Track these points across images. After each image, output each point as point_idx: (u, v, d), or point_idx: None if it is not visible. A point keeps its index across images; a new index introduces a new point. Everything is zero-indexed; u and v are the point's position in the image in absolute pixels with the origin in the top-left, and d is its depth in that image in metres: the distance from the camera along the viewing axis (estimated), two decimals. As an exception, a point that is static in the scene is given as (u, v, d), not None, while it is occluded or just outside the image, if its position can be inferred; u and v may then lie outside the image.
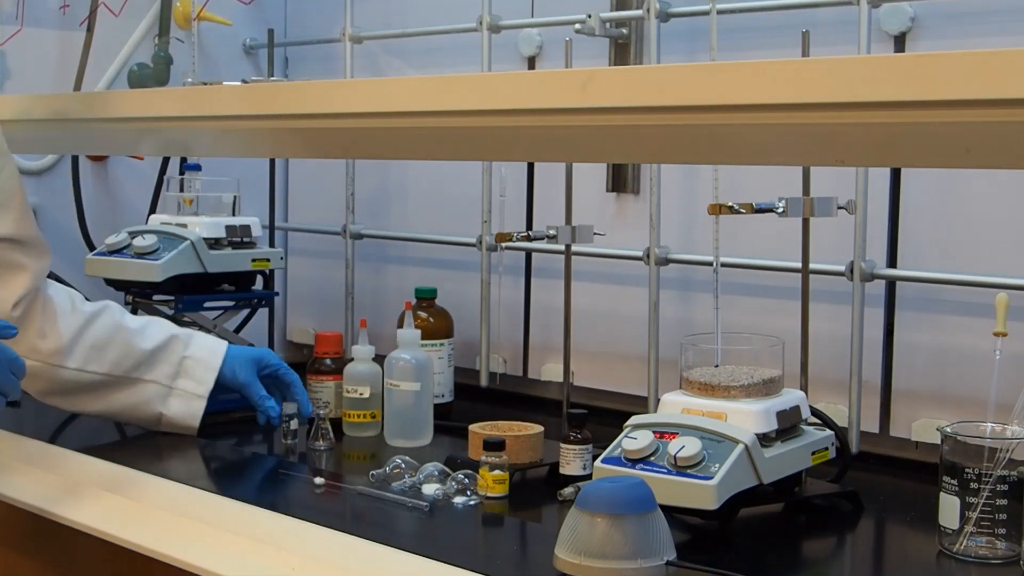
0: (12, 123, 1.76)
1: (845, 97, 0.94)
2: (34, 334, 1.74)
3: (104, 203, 2.43)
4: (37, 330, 1.74)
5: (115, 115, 1.69)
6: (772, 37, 1.87)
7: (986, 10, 1.68)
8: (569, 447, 1.65)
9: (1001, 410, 1.41)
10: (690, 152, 1.42)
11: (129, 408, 1.82)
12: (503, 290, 2.22)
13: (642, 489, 1.24)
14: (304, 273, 2.62)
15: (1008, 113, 0.87)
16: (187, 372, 1.82)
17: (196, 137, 1.80)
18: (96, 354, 1.78)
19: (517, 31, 2.18)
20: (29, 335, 1.73)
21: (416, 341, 1.93)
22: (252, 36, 2.61)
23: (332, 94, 1.41)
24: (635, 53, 2.03)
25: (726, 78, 1.02)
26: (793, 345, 1.64)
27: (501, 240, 1.86)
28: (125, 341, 1.80)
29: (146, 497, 1.58)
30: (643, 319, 1.97)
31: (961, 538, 1.36)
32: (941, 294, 1.74)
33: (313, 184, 2.62)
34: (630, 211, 2.06)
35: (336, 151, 2.03)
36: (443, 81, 1.31)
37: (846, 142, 1.07)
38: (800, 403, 1.53)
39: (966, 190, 1.71)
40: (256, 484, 1.77)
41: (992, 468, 1.34)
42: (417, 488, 1.58)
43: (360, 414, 1.95)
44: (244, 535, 1.43)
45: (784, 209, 1.65)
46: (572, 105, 1.12)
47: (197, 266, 2.08)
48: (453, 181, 2.31)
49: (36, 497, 1.63)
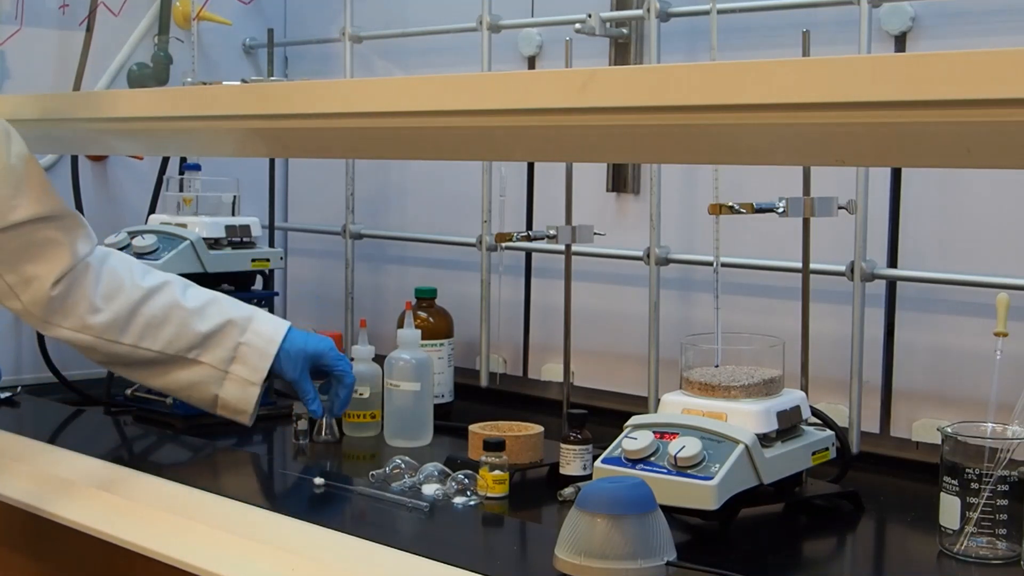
0: (11, 123, 1.76)
1: (845, 97, 0.94)
2: (85, 309, 1.70)
3: (104, 203, 2.43)
4: (89, 305, 1.70)
5: (114, 115, 1.68)
6: (772, 37, 1.87)
7: (986, 10, 1.68)
8: (569, 447, 1.65)
9: (1002, 410, 1.41)
10: (690, 152, 1.42)
11: (187, 387, 1.78)
12: (503, 290, 2.22)
13: (642, 489, 1.24)
14: (304, 273, 2.62)
15: (1008, 113, 0.87)
16: (242, 358, 1.78)
17: (195, 137, 1.80)
18: (151, 331, 1.74)
19: (517, 31, 2.18)
20: (79, 311, 1.70)
21: (416, 341, 1.93)
22: (252, 36, 2.60)
23: (332, 94, 1.40)
24: (635, 53, 2.03)
25: (726, 78, 1.01)
26: (793, 345, 1.64)
27: (501, 240, 1.86)
28: (181, 320, 1.76)
29: (145, 497, 1.58)
30: (643, 319, 1.96)
31: (962, 538, 1.36)
32: (941, 294, 1.74)
33: (313, 184, 2.62)
34: (630, 211, 2.06)
35: (336, 151, 2.03)
36: (443, 81, 1.30)
37: (846, 142, 1.07)
38: (800, 403, 1.53)
39: (966, 190, 1.71)
40: (256, 484, 1.77)
41: (993, 468, 1.34)
42: (417, 488, 1.57)
43: (360, 414, 1.95)
44: (244, 535, 1.43)
45: (784, 209, 1.65)
46: (572, 105, 1.11)
47: (197, 266, 2.08)
48: (453, 181, 2.31)
49: (34, 496, 1.63)
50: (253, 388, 1.78)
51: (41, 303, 1.69)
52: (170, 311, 1.76)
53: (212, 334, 1.77)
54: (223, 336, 1.78)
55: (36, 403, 2.11)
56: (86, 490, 1.62)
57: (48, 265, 1.68)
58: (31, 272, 1.68)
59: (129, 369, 1.79)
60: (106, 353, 1.75)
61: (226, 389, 1.78)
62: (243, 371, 1.78)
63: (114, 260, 1.77)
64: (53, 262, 1.69)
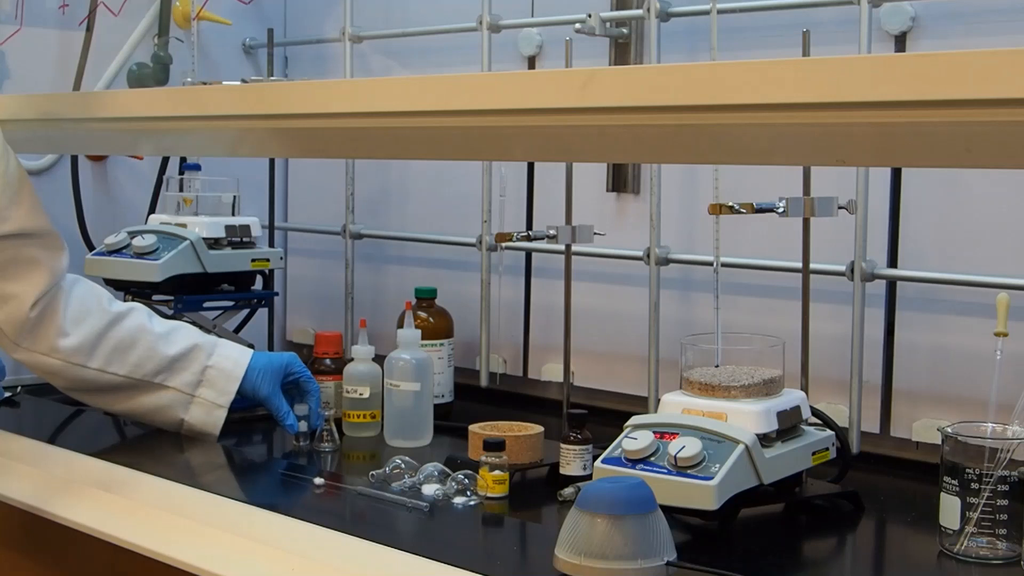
0: (11, 123, 1.76)
1: (845, 97, 0.94)
2: (55, 333, 1.72)
3: (103, 203, 2.43)
4: (58, 329, 1.72)
5: (114, 115, 1.68)
6: (772, 37, 1.87)
7: (986, 10, 1.68)
8: (569, 447, 1.65)
9: (1002, 410, 1.40)
10: (690, 152, 1.42)
11: (152, 411, 1.81)
12: (503, 290, 2.21)
13: (642, 489, 1.24)
14: (304, 273, 2.62)
15: (1008, 113, 0.87)
16: (209, 382, 1.80)
17: (195, 137, 1.80)
18: (119, 356, 1.76)
19: (517, 31, 2.18)
20: (49, 334, 1.71)
21: (416, 341, 1.93)
22: (251, 36, 2.60)
23: (332, 94, 1.40)
24: (635, 53, 2.03)
25: (726, 78, 1.01)
26: (793, 345, 1.64)
27: (501, 240, 1.86)
28: (149, 345, 1.78)
29: (144, 497, 1.58)
30: (643, 319, 1.96)
31: (962, 538, 1.36)
32: (941, 294, 1.74)
33: (313, 184, 2.62)
34: (630, 211, 2.06)
35: (336, 151, 2.03)
36: (443, 81, 1.30)
37: (846, 142, 1.07)
38: (800, 403, 1.53)
39: (966, 190, 1.71)
40: (256, 484, 1.77)
41: (993, 468, 1.34)
42: (417, 488, 1.57)
43: (360, 414, 1.95)
44: (244, 535, 1.43)
45: (784, 209, 1.65)
46: (572, 105, 1.11)
47: (197, 266, 2.08)
48: (453, 181, 2.31)
49: (34, 497, 1.62)
50: (220, 411, 1.81)
51: (16, 323, 1.69)
52: (137, 335, 1.77)
53: (179, 357, 1.79)
54: (190, 360, 1.80)
55: (36, 403, 2.11)
56: (86, 490, 1.62)
57: (29, 285, 1.69)
58: (11, 290, 1.68)
59: (93, 395, 1.80)
60: (71, 378, 1.76)
61: (192, 413, 1.81)
62: (210, 394, 1.80)
63: (82, 285, 1.79)
64: (34, 283, 1.69)
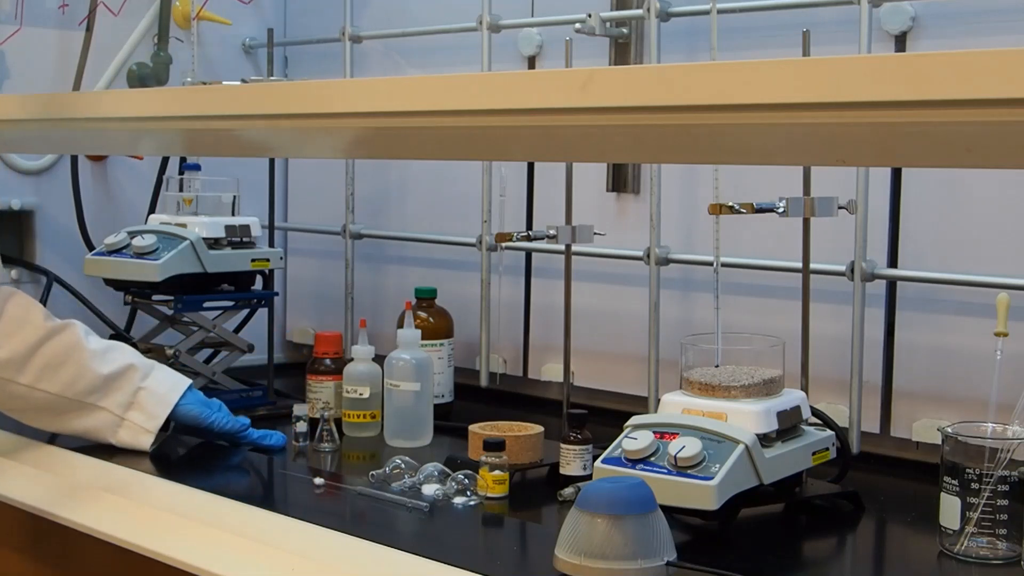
0: (11, 123, 1.75)
1: (845, 97, 0.94)
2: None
3: (103, 203, 2.43)
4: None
5: (113, 115, 1.68)
6: (772, 37, 1.87)
7: (986, 10, 1.68)
8: (569, 447, 1.65)
9: (1002, 410, 1.41)
10: (690, 152, 1.42)
11: (81, 432, 1.77)
12: (503, 290, 2.21)
13: (642, 489, 1.24)
14: (304, 273, 2.62)
15: (1008, 113, 0.87)
16: (140, 404, 1.75)
17: (195, 137, 1.80)
18: (50, 372, 1.71)
19: (517, 31, 2.18)
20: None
21: (416, 341, 1.93)
22: (252, 36, 2.60)
23: (332, 94, 1.40)
24: (635, 53, 2.03)
25: (726, 78, 1.01)
26: (793, 345, 1.64)
27: (501, 240, 1.86)
28: (82, 363, 1.73)
29: (146, 498, 1.58)
30: (643, 319, 1.96)
31: (962, 539, 1.36)
32: (941, 294, 1.74)
33: (313, 184, 2.62)
34: (630, 211, 2.06)
35: (336, 151, 2.03)
36: (443, 81, 1.30)
37: (846, 142, 1.07)
38: (801, 403, 1.53)
39: (966, 190, 1.71)
40: (256, 484, 1.77)
41: (993, 468, 1.34)
42: (417, 488, 1.57)
43: (360, 414, 1.95)
44: (244, 535, 1.43)
45: (784, 209, 1.65)
46: (572, 105, 1.11)
47: (196, 266, 2.08)
48: (453, 181, 2.31)
49: (35, 498, 1.63)
50: (146, 436, 1.75)
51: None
52: (71, 352, 1.72)
53: (113, 377, 1.74)
54: (124, 380, 1.74)
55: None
56: (86, 491, 1.62)
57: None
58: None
59: (24, 414, 1.76)
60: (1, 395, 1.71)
61: (119, 437, 1.75)
62: (139, 417, 1.75)
63: (17, 298, 1.74)
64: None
